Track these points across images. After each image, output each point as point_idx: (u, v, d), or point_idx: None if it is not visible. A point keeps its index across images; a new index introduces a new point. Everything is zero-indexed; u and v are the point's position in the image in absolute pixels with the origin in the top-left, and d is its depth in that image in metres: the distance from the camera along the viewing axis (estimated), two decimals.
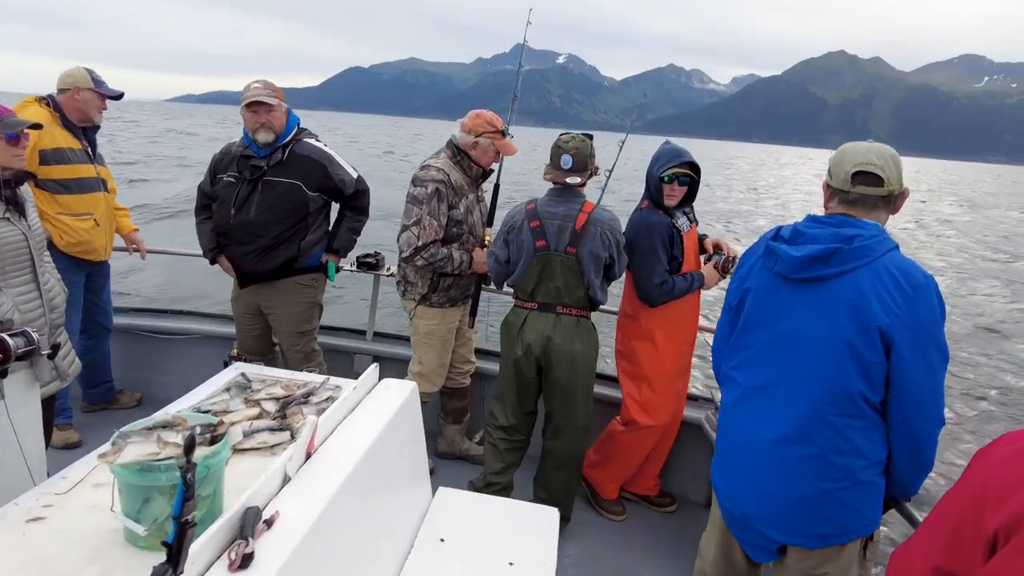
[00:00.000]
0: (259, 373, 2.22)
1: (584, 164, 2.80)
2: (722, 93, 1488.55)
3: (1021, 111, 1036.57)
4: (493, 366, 3.68)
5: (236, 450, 1.74)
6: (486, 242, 3.22)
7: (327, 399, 2.04)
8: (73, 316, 3.33)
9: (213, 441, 1.42)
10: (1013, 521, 0.84)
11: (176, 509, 1.08)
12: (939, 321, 1.62)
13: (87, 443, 3.40)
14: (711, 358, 2.10)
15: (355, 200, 3.30)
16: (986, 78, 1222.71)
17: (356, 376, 3.92)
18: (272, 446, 1.79)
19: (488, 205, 3.33)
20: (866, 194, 1.67)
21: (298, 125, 3.19)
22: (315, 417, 1.72)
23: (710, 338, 3.25)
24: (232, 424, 1.83)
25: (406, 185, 3.16)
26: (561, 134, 2.89)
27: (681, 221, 2.95)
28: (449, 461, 3.60)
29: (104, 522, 1.37)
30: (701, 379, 6.62)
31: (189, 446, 1.13)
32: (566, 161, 2.78)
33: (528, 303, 2.86)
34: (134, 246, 3.69)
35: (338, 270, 3.39)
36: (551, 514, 2.26)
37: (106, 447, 1.36)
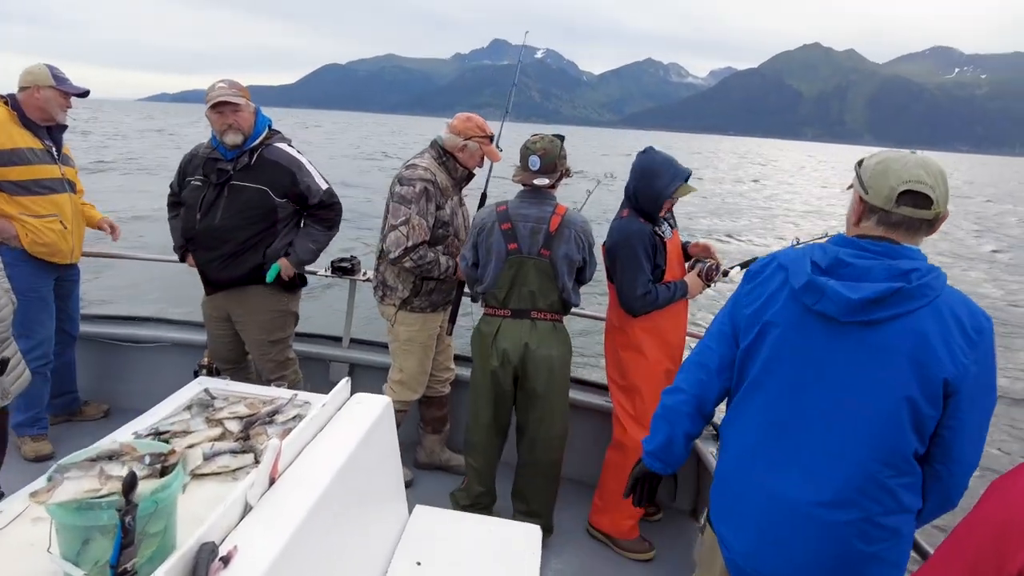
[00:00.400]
0: (224, 389, 2.09)
1: (553, 165, 2.72)
2: (699, 86, 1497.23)
3: (990, 102, 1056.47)
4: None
5: (195, 475, 1.62)
6: None
7: (294, 417, 1.92)
8: (47, 322, 3.19)
9: (164, 472, 1.30)
10: None
11: (113, 557, 0.97)
12: (995, 367, 1.46)
13: (60, 454, 3.27)
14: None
15: (319, 210, 3.15)
16: (956, 70, 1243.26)
17: (332, 385, 3.81)
18: (234, 470, 1.67)
19: (469, 210, 3.24)
20: (912, 216, 1.44)
21: (269, 127, 3.06)
22: (278, 440, 1.60)
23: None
24: (191, 447, 1.72)
25: (384, 188, 3.05)
26: (532, 135, 2.81)
27: (663, 228, 2.86)
28: (429, 472, 3.50)
29: (41, 564, 1.24)
30: None
31: (129, 486, 1.01)
32: (534, 162, 2.70)
33: (501, 310, 2.76)
34: (108, 227, 3.52)
35: (302, 282, 3.22)
36: (533, 532, 2.16)
37: (40, 483, 1.23)
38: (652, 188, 2.75)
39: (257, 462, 1.72)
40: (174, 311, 7.23)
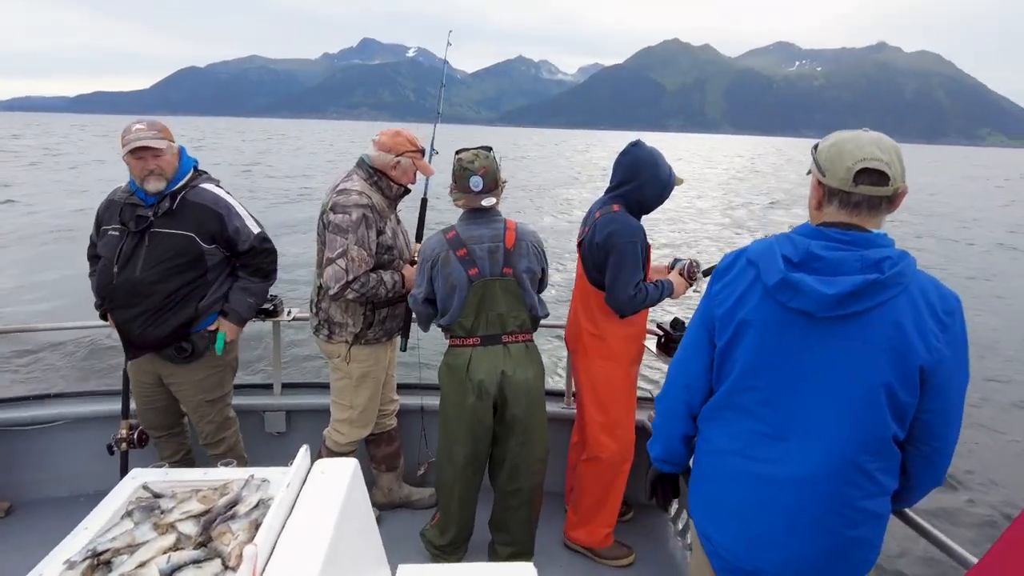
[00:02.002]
0: (164, 481, 1.79)
1: (495, 182, 2.57)
2: (570, 83, 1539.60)
3: (826, 92, 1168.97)
4: (415, 400, 3.42)
5: None
6: (415, 258, 2.92)
7: (257, 504, 1.67)
8: None
9: None
10: None
11: None
12: (967, 345, 1.48)
13: None
14: (656, 374, 1.90)
15: (251, 258, 2.83)
16: (797, 63, 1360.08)
17: (269, 437, 3.48)
18: None
19: (408, 226, 3.06)
20: (872, 195, 1.45)
21: (195, 167, 2.74)
22: (253, 546, 1.38)
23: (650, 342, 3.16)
24: (142, 566, 1.44)
25: (282, 207, 2.78)
26: (459, 151, 2.61)
27: None
28: (390, 512, 3.27)
29: None
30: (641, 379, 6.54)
31: None
32: (476, 183, 2.52)
33: (469, 339, 2.58)
34: None
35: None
36: (529, 572, 2.05)
37: None
38: (659, 179, 2.68)
39: (226, 567, 1.48)
40: (65, 383, 6.31)
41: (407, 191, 2.95)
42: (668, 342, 2.98)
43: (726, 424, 1.64)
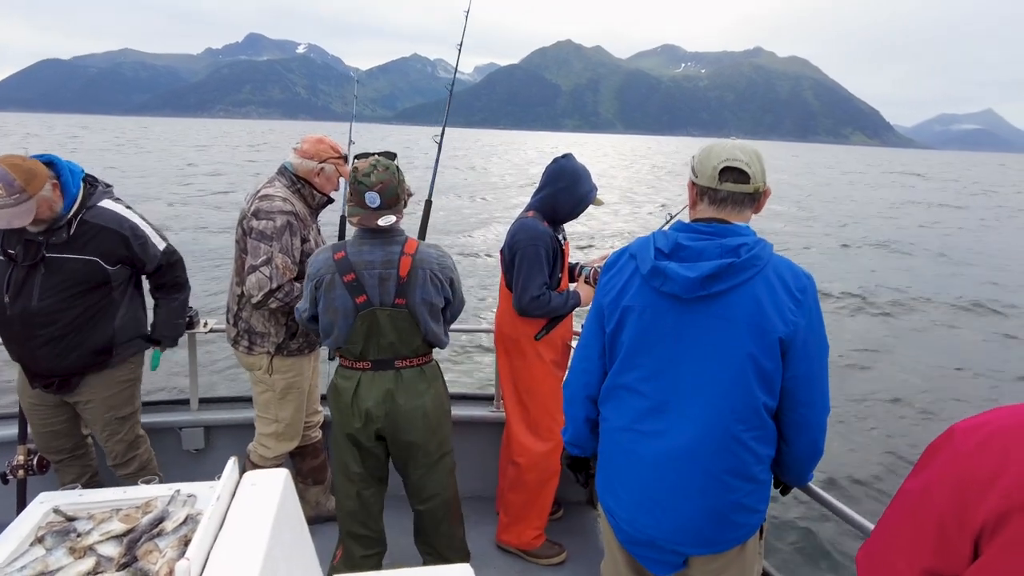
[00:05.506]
0: (79, 503, 1.65)
1: (396, 197, 2.29)
2: (467, 82, 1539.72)
3: (710, 92, 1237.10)
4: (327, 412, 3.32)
5: None
6: None
7: (185, 520, 1.59)
8: None
9: None
10: (1001, 512, 0.85)
11: None
12: (822, 317, 1.66)
13: None
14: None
15: (162, 276, 2.70)
16: (683, 65, 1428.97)
17: (187, 455, 3.29)
18: None
19: (326, 240, 2.97)
20: (734, 191, 1.65)
21: (84, 179, 2.48)
22: (187, 561, 1.32)
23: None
24: None
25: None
26: (357, 158, 2.37)
27: (560, 237, 2.86)
28: (320, 525, 3.15)
29: None
30: None
31: None
32: (372, 199, 2.25)
33: (359, 363, 2.38)
34: None
35: None
36: (466, 572, 2.06)
37: None
38: (575, 192, 2.74)
39: None
40: None
41: (330, 200, 2.89)
42: None
43: (618, 402, 1.79)
